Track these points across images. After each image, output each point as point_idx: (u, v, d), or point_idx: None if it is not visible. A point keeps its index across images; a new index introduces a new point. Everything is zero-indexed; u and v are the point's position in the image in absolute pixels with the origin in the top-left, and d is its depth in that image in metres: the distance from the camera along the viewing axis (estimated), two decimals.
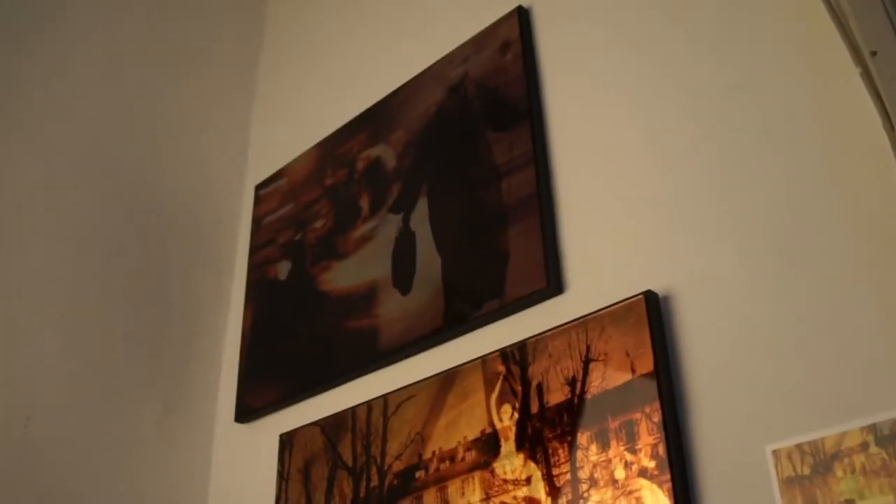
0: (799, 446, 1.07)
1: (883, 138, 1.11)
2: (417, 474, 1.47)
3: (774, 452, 1.08)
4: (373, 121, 1.95)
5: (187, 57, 2.37)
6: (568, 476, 1.25)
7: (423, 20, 2.00)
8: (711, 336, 1.21)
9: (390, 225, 1.77)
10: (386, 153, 1.87)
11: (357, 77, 2.13)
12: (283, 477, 1.74)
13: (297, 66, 2.39)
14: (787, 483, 1.06)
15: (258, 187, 2.22)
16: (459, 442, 1.42)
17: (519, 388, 1.37)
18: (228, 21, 2.55)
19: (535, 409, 1.33)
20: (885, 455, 1.00)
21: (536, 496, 1.28)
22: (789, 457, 1.07)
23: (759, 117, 1.28)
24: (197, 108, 2.33)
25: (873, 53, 1.12)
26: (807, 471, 1.05)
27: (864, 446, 1.02)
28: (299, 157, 2.13)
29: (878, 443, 1.01)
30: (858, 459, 1.02)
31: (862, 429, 1.03)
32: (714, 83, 1.36)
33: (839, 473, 1.03)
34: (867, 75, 1.14)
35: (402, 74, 1.93)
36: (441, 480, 1.43)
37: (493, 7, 1.78)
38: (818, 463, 1.05)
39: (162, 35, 2.32)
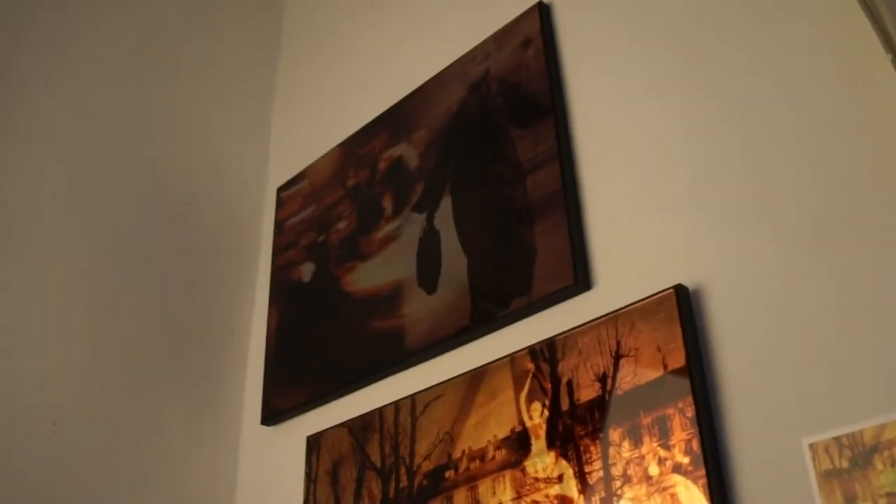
0: (837, 439, 1.05)
1: None
2: (447, 474, 1.46)
3: (811, 446, 1.07)
4: (394, 120, 1.94)
5: (207, 61, 2.37)
6: (600, 473, 1.24)
7: (443, 17, 1.99)
8: (744, 329, 1.20)
9: (414, 224, 1.76)
10: (408, 152, 1.86)
11: (377, 76, 2.12)
12: (310, 479, 1.74)
13: (317, 67, 2.38)
14: (826, 477, 1.04)
15: (280, 189, 2.22)
16: (489, 441, 1.42)
17: (548, 386, 1.36)
18: (247, 23, 2.55)
19: (565, 406, 1.32)
20: None
21: (569, 494, 1.27)
22: (827, 450, 1.06)
23: (788, 105, 1.27)
24: (217, 111, 2.33)
25: None
26: (845, 464, 1.04)
27: None
28: (321, 158, 2.13)
29: None
30: None
31: None
32: (741, 72, 1.34)
33: (879, 466, 1.01)
34: None
35: (422, 72, 1.93)
36: (471, 480, 1.42)
37: (513, 3, 1.77)
38: (857, 456, 1.03)
39: (181, 40, 2.33)
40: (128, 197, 2.02)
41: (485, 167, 1.65)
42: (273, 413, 1.91)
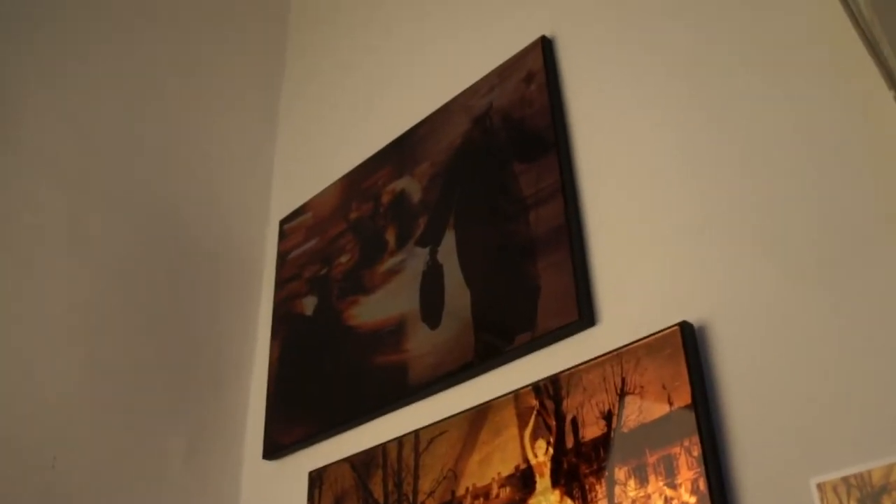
0: (845, 479, 1.04)
1: None
2: None
3: (819, 486, 1.06)
4: (397, 153, 1.95)
5: (209, 92, 2.38)
6: None
7: (446, 51, 2.00)
8: (750, 366, 1.19)
9: (417, 258, 1.76)
10: (411, 186, 1.86)
11: (380, 109, 2.13)
12: None
13: (320, 100, 2.39)
14: None
15: (283, 222, 2.22)
16: (493, 478, 1.40)
17: (553, 423, 1.35)
18: (250, 54, 2.57)
19: (570, 443, 1.31)
20: None
21: None
22: (835, 490, 1.05)
23: (793, 140, 1.27)
24: (220, 142, 2.34)
25: None
26: None
27: None
28: (323, 191, 2.13)
29: None
30: None
31: None
32: (744, 107, 1.35)
33: None
34: None
35: (426, 106, 1.93)
36: None
37: (516, 37, 1.78)
38: (865, 496, 1.02)
39: (183, 70, 2.34)
40: (128, 227, 2.01)
41: (488, 202, 1.65)
42: (275, 447, 1.90)
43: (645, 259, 1.38)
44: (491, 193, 1.66)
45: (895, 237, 1.12)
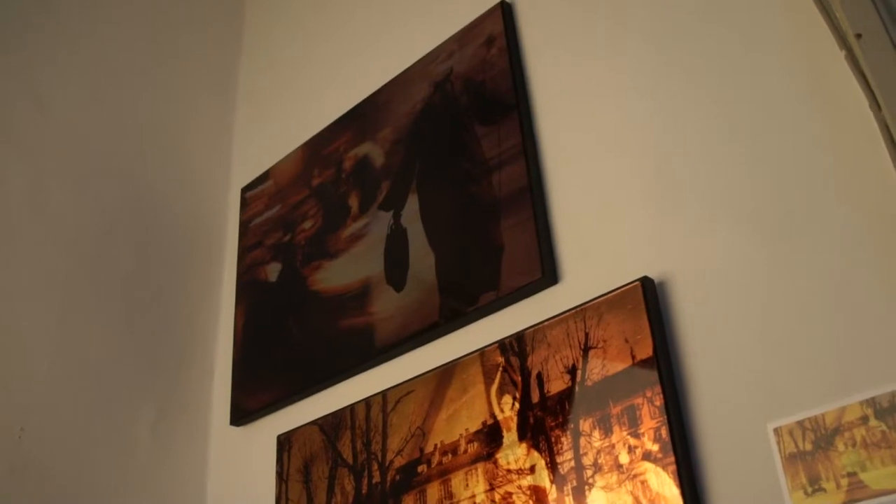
0: (800, 423, 1.09)
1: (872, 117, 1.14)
2: (420, 469, 1.48)
3: (776, 430, 1.10)
4: (359, 119, 1.95)
5: (168, 61, 2.36)
6: (572, 463, 1.26)
7: (406, 17, 2.01)
8: (709, 318, 1.23)
9: (381, 222, 1.77)
10: (374, 151, 1.87)
11: (341, 76, 2.13)
12: (282, 478, 1.74)
13: (280, 67, 2.39)
14: (790, 459, 1.08)
15: (244, 190, 2.22)
16: (461, 434, 1.43)
17: (519, 379, 1.38)
18: (208, 24, 2.54)
19: (535, 398, 1.35)
20: (884, 427, 1.02)
21: (541, 484, 1.29)
22: (791, 433, 1.09)
23: (750, 100, 1.30)
24: (179, 111, 2.32)
25: (858, 36, 1.14)
26: (809, 446, 1.07)
27: (864, 420, 1.04)
28: (285, 158, 2.14)
29: (878, 416, 1.03)
30: (859, 433, 1.04)
31: (861, 402, 1.05)
32: (703, 69, 1.38)
33: (840, 447, 1.05)
34: (852, 58, 1.16)
35: (387, 72, 1.94)
36: (444, 474, 1.44)
37: (476, 2, 1.79)
38: (819, 438, 1.07)
39: (142, 39, 2.32)
40: (89, 199, 2.00)
41: (451, 165, 1.67)
42: (242, 413, 1.91)
43: (606, 218, 1.41)
44: (453, 156, 1.67)
45: (846, 194, 1.16)
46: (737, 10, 1.37)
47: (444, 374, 1.50)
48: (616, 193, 1.41)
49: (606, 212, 1.42)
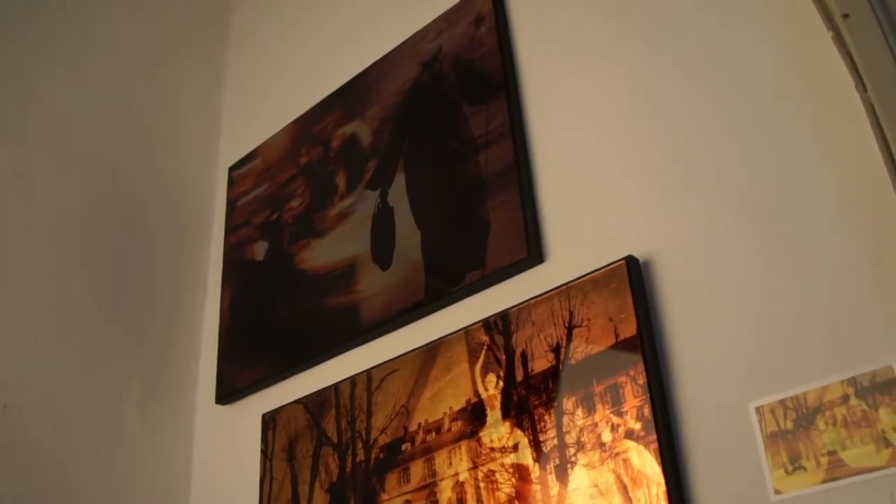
0: (782, 402, 1.09)
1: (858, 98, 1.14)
2: (404, 447, 1.48)
3: (758, 409, 1.11)
4: (347, 98, 1.95)
5: (155, 40, 2.34)
6: (555, 441, 1.26)
7: None
8: (693, 298, 1.23)
9: (368, 201, 1.77)
10: (361, 130, 1.87)
11: (329, 54, 2.12)
12: (266, 456, 1.74)
13: (267, 46, 2.37)
14: (772, 438, 1.08)
15: (231, 169, 2.21)
16: (445, 413, 1.44)
17: (503, 357, 1.38)
18: (195, 4, 2.52)
19: (519, 377, 1.35)
20: (864, 406, 1.03)
21: (524, 462, 1.29)
22: (772, 412, 1.09)
23: (736, 80, 1.30)
24: (167, 91, 2.31)
25: (845, 16, 1.14)
26: (790, 425, 1.08)
27: (845, 399, 1.05)
28: (272, 137, 2.13)
29: (858, 395, 1.04)
30: (840, 412, 1.05)
31: (842, 382, 1.05)
32: (689, 49, 1.37)
33: (821, 426, 1.05)
34: (839, 38, 1.16)
35: (375, 50, 1.93)
36: (428, 452, 1.44)
37: None
38: (801, 417, 1.07)
39: (128, 23, 2.30)
40: (77, 178, 1.99)
41: (438, 143, 1.67)
42: (228, 391, 1.91)
43: (591, 197, 1.41)
44: (441, 135, 1.67)
45: (831, 175, 1.16)
46: None
47: (429, 353, 1.50)
48: (602, 173, 1.41)
49: (592, 192, 1.41)
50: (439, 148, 1.66)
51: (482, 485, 1.34)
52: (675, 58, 1.39)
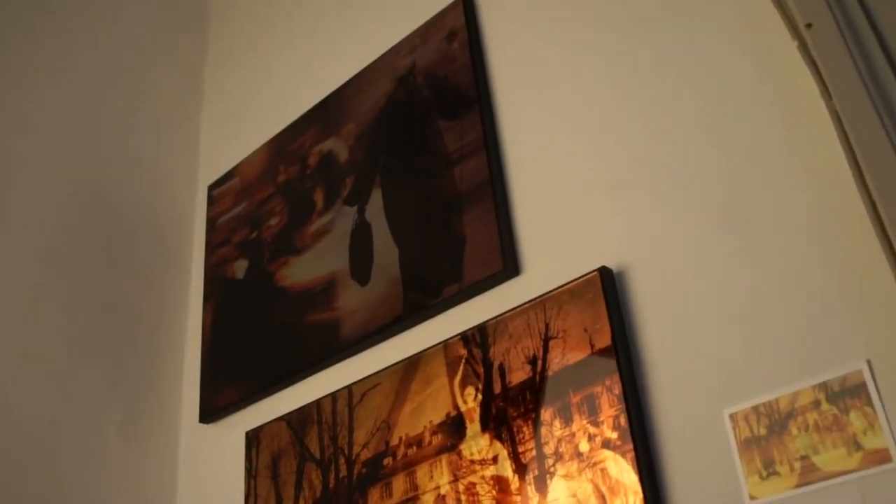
0: (755, 408, 1.10)
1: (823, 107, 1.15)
2: (385, 461, 1.49)
3: (732, 416, 1.12)
4: (323, 115, 1.96)
5: (133, 60, 2.35)
6: (534, 453, 1.27)
7: (368, 13, 2.01)
8: (666, 307, 1.24)
9: (346, 217, 1.78)
10: (338, 146, 1.88)
11: (305, 72, 2.13)
12: (250, 474, 1.74)
13: (244, 65, 2.38)
14: (745, 444, 1.10)
15: (211, 187, 2.22)
16: (425, 426, 1.44)
17: (481, 370, 1.39)
18: (173, 22, 2.53)
19: (497, 389, 1.36)
20: (836, 411, 1.04)
21: (504, 474, 1.30)
22: (746, 419, 1.11)
23: (705, 93, 1.32)
24: (145, 110, 2.31)
25: (808, 26, 1.16)
26: (763, 431, 1.09)
27: (816, 404, 1.06)
28: (250, 155, 2.13)
29: (830, 399, 1.05)
30: (811, 417, 1.06)
31: (813, 387, 1.07)
32: (659, 62, 1.39)
33: (794, 431, 1.07)
34: (804, 48, 1.18)
35: (350, 67, 1.94)
36: (409, 465, 1.44)
37: None
38: (774, 423, 1.08)
39: (106, 42, 2.30)
40: (56, 199, 1.99)
41: (413, 159, 1.68)
42: (211, 410, 1.91)
43: (565, 210, 1.43)
44: (416, 151, 1.68)
45: (799, 184, 1.17)
46: (692, 6, 1.38)
47: (409, 368, 1.51)
48: (575, 185, 1.43)
49: (566, 204, 1.43)
50: (414, 163, 1.67)
51: (463, 497, 1.34)
52: (647, 71, 1.40)
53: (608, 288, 1.28)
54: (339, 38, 2.07)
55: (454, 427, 1.40)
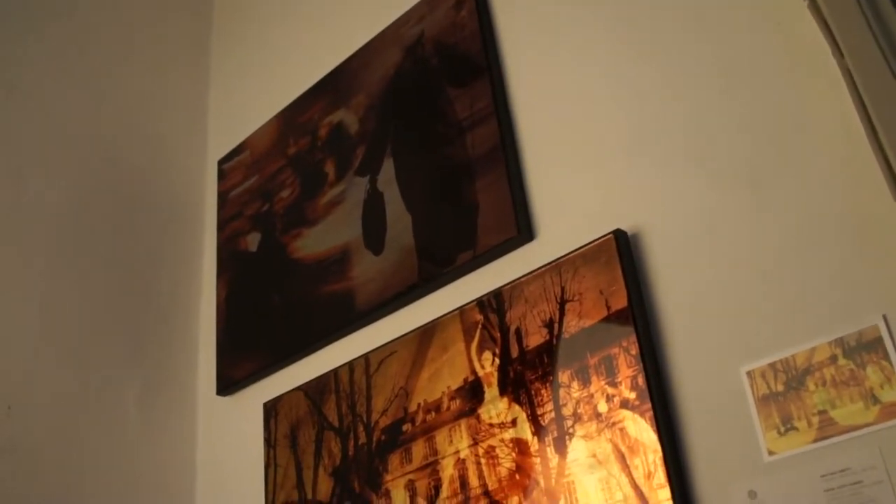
0: (772, 365, 1.11)
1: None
2: (404, 427, 1.50)
3: (749, 373, 1.13)
4: (332, 86, 1.96)
5: (140, 36, 2.35)
6: (552, 414, 1.29)
7: None
8: (681, 268, 1.25)
9: (357, 188, 1.78)
10: (348, 117, 1.88)
11: (313, 44, 2.13)
12: (269, 444, 1.77)
13: (251, 38, 2.38)
14: (763, 401, 1.11)
15: (221, 162, 2.22)
16: (444, 392, 1.46)
17: (498, 335, 1.40)
18: None
19: (515, 353, 1.37)
20: (852, 366, 1.05)
21: (523, 437, 1.32)
22: (763, 376, 1.12)
23: (718, 53, 1.32)
24: (153, 89, 2.31)
25: None
26: (780, 387, 1.10)
27: (833, 359, 1.07)
28: (260, 128, 2.14)
29: (846, 355, 1.06)
30: (828, 372, 1.07)
31: (830, 343, 1.08)
32: (671, 25, 1.39)
33: (811, 387, 1.08)
34: (814, 6, 1.18)
35: (358, 38, 1.94)
36: (428, 431, 1.46)
37: None
38: (791, 379, 1.09)
39: (112, 20, 2.30)
40: (67, 177, 2.00)
41: (424, 127, 1.68)
42: (228, 383, 1.93)
43: (578, 173, 1.43)
44: (427, 119, 1.68)
45: (811, 143, 1.18)
46: None
47: (425, 335, 1.52)
48: (587, 149, 1.43)
49: (579, 167, 1.43)
50: (426, 132, 1.68)
51: (483, 461, 1.36)
52: (657, 33, 1.40)
53: (623, 250, 1.29)
54: (346, 9, 2.07)
55: (472, 392, 1.41)
